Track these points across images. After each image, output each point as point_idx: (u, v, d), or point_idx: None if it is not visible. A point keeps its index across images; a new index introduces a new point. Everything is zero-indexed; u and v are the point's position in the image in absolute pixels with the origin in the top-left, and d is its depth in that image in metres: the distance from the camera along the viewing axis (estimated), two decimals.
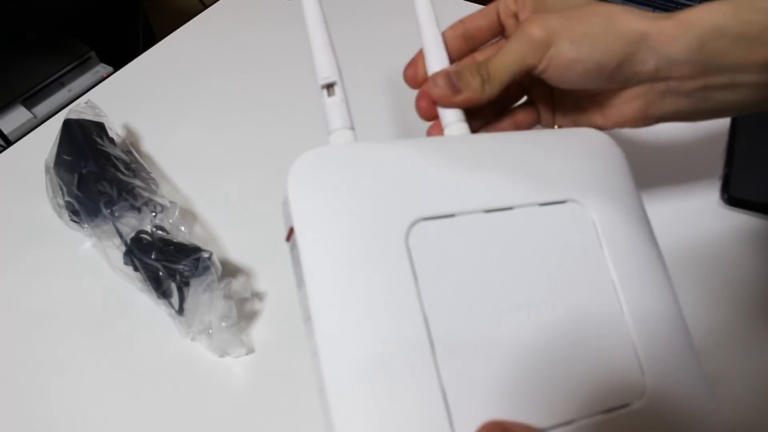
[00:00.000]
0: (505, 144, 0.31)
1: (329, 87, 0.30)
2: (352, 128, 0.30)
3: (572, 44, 0.31)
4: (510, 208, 0.28)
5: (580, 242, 0.29)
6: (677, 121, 0.35)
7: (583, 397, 0.26)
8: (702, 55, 0.30)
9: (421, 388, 0.24)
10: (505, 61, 0.32)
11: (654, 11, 0.32)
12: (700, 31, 0.30)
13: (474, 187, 0.28)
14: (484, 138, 0.31)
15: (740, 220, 0.46)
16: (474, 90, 0.32)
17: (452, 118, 0.32)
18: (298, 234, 0.25)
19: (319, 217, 0.25)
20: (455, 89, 0.32)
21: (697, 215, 0.46)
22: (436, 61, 0.34)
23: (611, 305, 0.28)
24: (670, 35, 0.30)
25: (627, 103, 0.34)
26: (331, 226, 0.25)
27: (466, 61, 0.37)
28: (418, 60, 0.35)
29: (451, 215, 0.27)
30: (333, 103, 0.30)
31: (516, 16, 0.36)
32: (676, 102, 0.33)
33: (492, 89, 0.32)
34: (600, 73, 0.32)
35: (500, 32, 0.37)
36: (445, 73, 0.33)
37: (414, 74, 0.35)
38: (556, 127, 0.38)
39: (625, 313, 0.28)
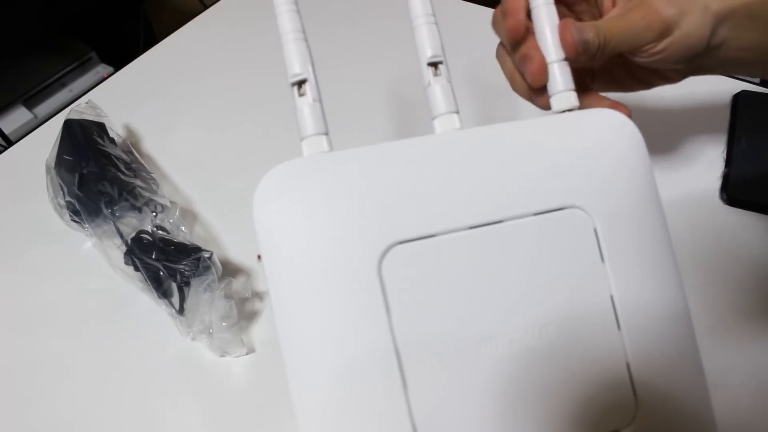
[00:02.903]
0: (498, 140, 0.27)
1: (299, 85, 0.27)
2: (326, 133, 0.27)
3: (686, 35, 0.32)
4: (499, 222, 0.25)
5: (579, 255, 0.26)
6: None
7: (569, 426, 0.25)
8: (741, 34, 0.33)
9: (391, 427, 0.23)
10: (625, 35, 0.32)
11: None
12: (742, 12, 0.32)
13: (459, 200, 0.25)
14: (474, 135, 0.27)
15: (739, 219, 0.46)
16: (591, 51, 0.31)
17: (444, 109, 0.28)
18: (264, 261, 0.24)
19: (285, 245, 0.24)
20: (585, 45, 0.31)
21: (696, 215, 0.46)
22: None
23: (607, 323, 0.26)
24: (728, 16, 0.33)
25: (681, 72, 0.36)
26: (297, 256, 0.24)
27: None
28: (517, 8, 0.32)
29: (432, 235, 0.24)
30: (304, 105, 0.27)
31: None
32: (715, 67, 0.35)
33: (603, 56, 0.32)
34: (693, 55, 0.33)
35: None
36: (578, 27, 0.31)
37: (517, 25, 0.32)
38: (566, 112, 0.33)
39: (622, 331, 0.26)
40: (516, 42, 0.32)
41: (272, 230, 0.24)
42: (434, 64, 0.29)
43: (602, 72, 0.38)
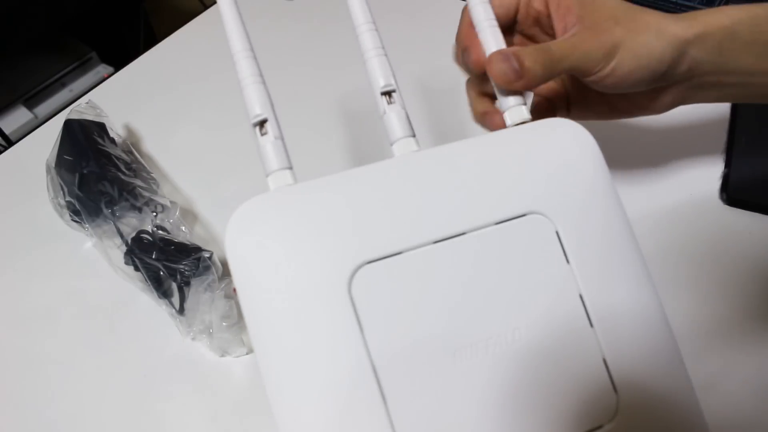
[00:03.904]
0: (455, 158, 0.28)
1: (261, 125, 0.28)
2: (290, 167, 0.28)
3: (635, 56, 0.32)
4: (462, 234, 0.26)
5: (543, 258, 0.27)
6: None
7: (551, 426, 0.25)
8: (720, 57, 0.33)
9: None
10: (571, 54, 0.32)
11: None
12: (719, 36, 0.32)
13: (421, 217, 0.26)
14: (431, 155, 0.28)
15: (739, 219, 0.46)
16: (533, 75, 0.31)
17: (401, 134, 0.29)
18: (239, 294, 0.25)
19: (257, 277, 0.25)
20: (517, 73, 0.31)
21: (696, 215, 0.46)
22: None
23: (579, 321, 0.26)
24: (698, 38, 0.33)
25: (658, 99, 0.36)
26: (270, 287, 0.25)
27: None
28: (469, 33, 0.34)
29: (398, 253, 0.25)
30: (266, 143, 0.28)
31: (537, 19, 0.36)
32: (698, 95, 0.36)
33: (549, 75, 0.32)
34: (651, 80, 0.33)
35: (508, 27, 0.37)
36: (506, 56, 0.31)
37: (477, 58, 0.33)
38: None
39: (595, 328, 0.26)
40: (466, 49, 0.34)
41: (244, 264, 0.25)
42: (388, 93, 0.30)
43: (577, 100, 0.38)
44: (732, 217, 0.46)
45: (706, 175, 0.48)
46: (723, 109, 0.52)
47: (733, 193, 0.46)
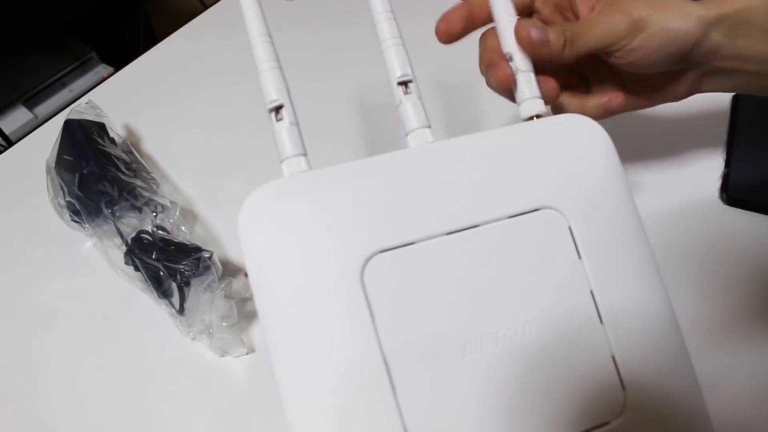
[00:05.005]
0: (470, 150, 0.28)
1: (276, 110, 0.28)
2: (305, 154, 0.28)
3: (662, 30, 0.32)
4: (475, 226, 0.26)
5: (556, 253, 0.27)
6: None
7: (558, 421, 0.25)
8: (736, 41, 0.33)
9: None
10: (593, 31, 0.33)
11: None
12: (735, 19, 0.33)
13: (435, 208, 0.26)
14: (447, 146, 0.28)
15: (739, 219, 0.46)
16: (553, 48, 0.32)
17: (416, 125, 0.29)
18: (251, 278, 0.25)
19: (269, 262, 0.25)
20: (543, 41, 0.31)
21: (696, 215, 0.46)
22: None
23: (589, 318, 0.26)
24: (717, 20, 0.33)
25: (678, 83, 0.36)
26: (282, 271, 0.24)
27: None
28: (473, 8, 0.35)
29: (411, 243, 0.25)
30: (282, 129, 0.28)
31: (558, 5, 0.36)
32: (715, 82, 0.36)
33: (571, 54, 0.33)
34: (677, 57, 0.33)
35: (527, 13, 0.37)
36: (535, 22, 0.32)
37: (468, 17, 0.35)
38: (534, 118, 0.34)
39: (605, 325, 0.26)
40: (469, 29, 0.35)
41: (257, 250, 0.25)
42: (404, 83, 0.30)
43: (595, 88, 0.38)
44: (732, 217, 0.46)
45: (706, 175, 0.48)
46: (723, 108, 0.52)
47: (733, 193, 0.46)
